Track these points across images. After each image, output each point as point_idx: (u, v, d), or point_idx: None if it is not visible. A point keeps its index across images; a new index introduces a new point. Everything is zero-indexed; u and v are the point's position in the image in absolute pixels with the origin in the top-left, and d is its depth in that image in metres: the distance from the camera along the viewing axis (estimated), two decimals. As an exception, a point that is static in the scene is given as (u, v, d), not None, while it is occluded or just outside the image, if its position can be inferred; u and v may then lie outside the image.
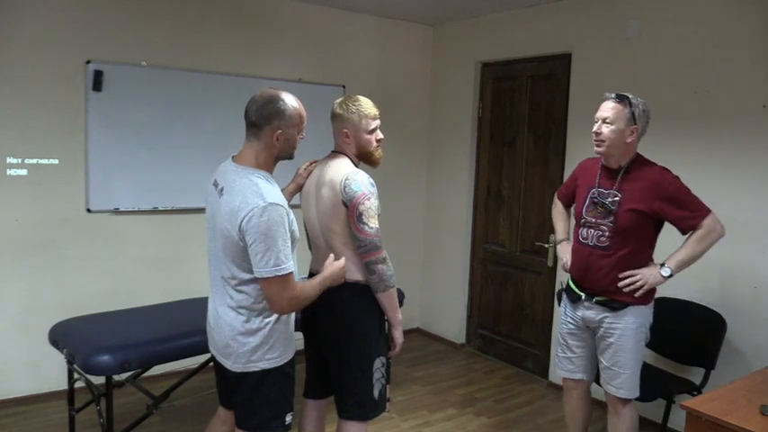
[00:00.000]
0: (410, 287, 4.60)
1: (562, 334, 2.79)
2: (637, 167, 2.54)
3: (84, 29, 3.52)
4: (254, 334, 2.03)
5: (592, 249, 2.59)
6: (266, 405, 2.10)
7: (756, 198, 3.07)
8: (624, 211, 2.49)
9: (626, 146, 2.52)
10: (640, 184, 2.49)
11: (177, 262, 3.92)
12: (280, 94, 2.04)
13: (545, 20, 4.06)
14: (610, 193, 2.55)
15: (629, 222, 2.49)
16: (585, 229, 2.62)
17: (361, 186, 2.20)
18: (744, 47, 3.08)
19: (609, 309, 2.56)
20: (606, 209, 2.54)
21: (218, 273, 2.07)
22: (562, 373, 2.84)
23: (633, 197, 2.49)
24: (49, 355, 2.96)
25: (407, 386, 4.03)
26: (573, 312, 2.72)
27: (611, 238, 2.53)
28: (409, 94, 4.90)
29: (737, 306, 3.12)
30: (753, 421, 1.97)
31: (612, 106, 2.50)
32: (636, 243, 2.53)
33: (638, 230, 2.51)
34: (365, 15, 4.58)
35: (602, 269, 2.56)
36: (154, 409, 2.85)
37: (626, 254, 2.52)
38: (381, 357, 2.36)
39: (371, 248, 2.21)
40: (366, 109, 2.32)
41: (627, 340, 2.55)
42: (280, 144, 2.03)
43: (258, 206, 1.90)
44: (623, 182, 2.54)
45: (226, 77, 3.94)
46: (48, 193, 3.51)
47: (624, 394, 2.62)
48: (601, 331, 2.61)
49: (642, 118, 2.51)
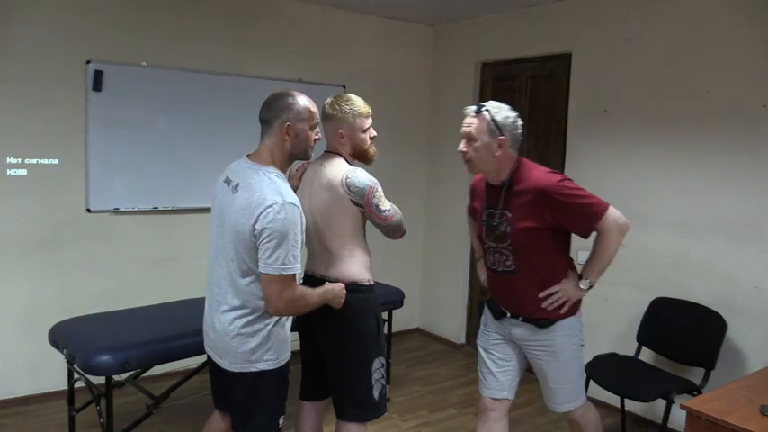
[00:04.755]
0: (410, 287, 4.60)
1: (486, 347, 2.51)
2: (519, 179, 2.26)
3: (84, 29, 3.52)
4: (255, 334, 2.03)
5: (501, 275, 2.36)
6: (263, 407, 2.10)
7: (756, 198, 3.06)
8: (517, 231, 2.24)
9: (497, 160, 2.25)
10: (526, 198, 2.22)
11: (177, 262, 3.92)
12: (289, 91, 2.08)
13: (545, 20, 4.06)
14: (497, 214, 2.30)
15: (527, 242, 2.25)
16: (490, 255, 2.37)
17: (365, 181, 2.22)
18: (744, 47, 3.08)
19: (537, 326, 2.34)
20: (502, 232, 2.28)
21: (223, 271, 2.06)
22: (485, 391, 2.51)
23: (522, 214, 2.23)
24: (49, 355, 2.96)
25: (407, 386, 4.03)
26: (498, 326, 2.48)
27: (516, 261, 2.28)
28: (409, 94, 4.89)
29: (737, 306, 3.12)
30: (753, 421, 1.97)
31: (469, 122, 2.26)
32: (544, 258, 2.29)
33: (541, 246, 2.26)
34: (365, 15, 4.57)
35: (518, 293, 2.34)
36: (154, 409, 2.85)
37: (537, 272, 2.29)
38: (381, 357, 2.35)
39: (396, 228, 2.32)
40: (360, 108, 2.30)
41: (562, 355, 2.37)
42: (291, 139, 2.04)
43: (277, 203, 1.91)
44: (508, 199, 2.27)
45: (226, 77, 3.94)
46: (48, 193, 3.51)
47: (571, 407, 2.46)
48: (533, 351, 2.41)
49: (508, 126, 2.23)
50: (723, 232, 3.19)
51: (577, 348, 2.41)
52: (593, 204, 2.20)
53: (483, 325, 2.57)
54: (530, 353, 2.43)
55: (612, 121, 3.67)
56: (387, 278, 3.67)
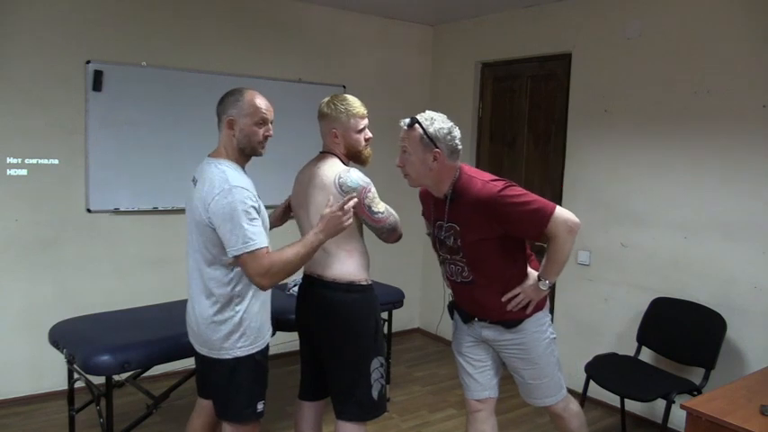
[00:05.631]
0: (410, 287, 4.60)
1: (461, 352, 2.49)
2: (461, 191, 2.19)
3: (84, 29, 3.52)
4: (225, 322, 2.09)
5: (462, 285, 2.33)
6: (240, 393, 2.16)
7: (756, 198, 3.06)
8: (468, 244, 2.20)
9: (435, 173, 2.18)
10: (470, 210, 2.16)
11: (177, 262, 3.89)
12: (240, 88, 2.12)
13: (545, 20, 4.06)
14: (445, 227, 2.25)
15: (480, 253, 2.21)
16: (447, 266, 2.34)
17: (357, 181, 2.21)
18: (744, 47, 3.08)
19: (505, 327, 2.32)
20: (453, 244, 2.24)
21: (193, 262, 2.14)
22: (468, 393, 2.51)
23: (470, 226, 2.18)
24: (49, 355, 2.96)
25: (407, 386, 4.03)
26: (468, 329, 2.44)
27: (472, 271, 2.25)
28: (409, 94, 4.89)
29: (737, 306, 3.12)
30: (753, 421, 1.97)
31: (403, 135, 2.18)
32: (500, 265, 2.24)
33: (495, 255, 2.22)
34: (365, 15, 4.58)
35: (480, 300, 2.32)
36: (154, 409, 2.85)
37: (495, 280, 2.26)
38: (379, 357, 2.35)
39: (390, 231, 2.29)
40: (354, 108, 2.29)
41: (534, 350, 2.35)
42: (236, 134, 2.09)
43: (223, 189, 1.98)
44: (453, 211, 2.21)
45: (226, 77, 3.93)
46: (48, 193, 3.51)
47: (551, 401, 2.44)
48: (505, 351, 2.39)
49: (443, 137, 2.16)
50: (723, 232, 3.19)
51: (549, 342, 2.38)
52: (539, 210, 2.13)
53: (454, 329, 2.54)
54: (502, 352, 2.42)
55: (612, 121, 3.67)
56: (387, 278, 3.67)
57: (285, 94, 4.02)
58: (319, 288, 2.31)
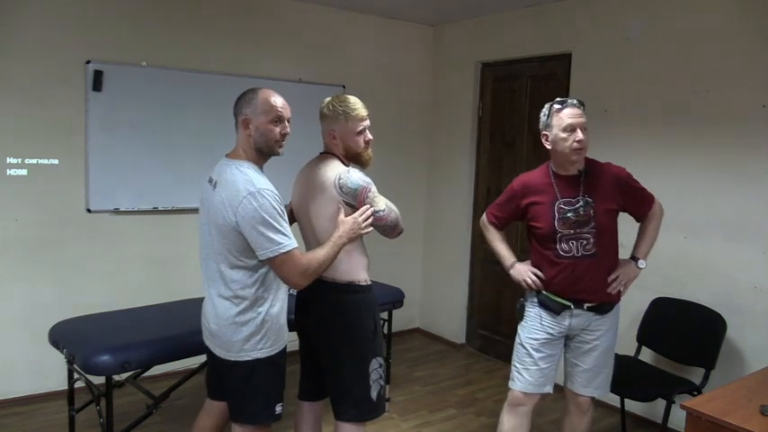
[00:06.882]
0: (410, 287, 4.59)
1: (534, 345, 2.57)
2: (592, 169, 2.51)
3: (84, 29, 3.52)
4: (247, 323, 2.08)
5: (577, 261, 2.47)
6: (258, 395, 2.14)
7: (756, 198, 3.06)
8: (602, 213, 2.45)
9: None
10: (603, 183, 2.47)
11: (177, 262, 3.92)
12: (255, 88, 2.12)
13: (545, 20, 4.06)
14: (579, 200, 2.46)
15: (609, 224, 2.48)
16: (565, 243, 2.47)
17: (357, 182, 2.20)
18: (744, 47, 3.08)
19: (598, 312, 2.51)
20: (584, 217, 2.44)
21: (213, 264, 2.11)
22: (526, 387, 2.58)
23: (603, 197, 2.46)
24: (49, 355, 2.96)
25: (407, 386, 4.03)
26: (553, 322, 2.55)
27: (597, 243, 2.45)
28: (409, 94, 4.89)
29: (737, 306, 3.12)
30: (753, 421, 1.97)
31: (581, 112, 2.46)
32: (615, 240, 2.54)
33: (615, 229, 2.52)
34: (365, 15, 4.57)
35: (595, 277, 2.48)
36: (154, 409, 2.85)
37: (611, 255, 2.52)
38: (378, 358, 2.35)
39: (392, 228, 2.30)
40: (354, 110, 2.27)
41: (610, 339, 2.57)
42: (252, 134, 2.07)
43: (250, 192, 1.97)
44: (588, 185, 2.47)
45: (226, 77, 3.94)
46: (48, 193, 3.51)
47: (601, 393, 2.62)
48: (583, 335, 2.55)
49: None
50: (723, 232, 3.19)
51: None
52: (646, 189, 2.54)
53: (535, 325, 2.59)
54: (578, 338, 2.56)
55: (612, 122, 3.66)
56: (387, 278, 3.66)
57: (285, 94, 3.96)
58: (319, 288, 2.31)
